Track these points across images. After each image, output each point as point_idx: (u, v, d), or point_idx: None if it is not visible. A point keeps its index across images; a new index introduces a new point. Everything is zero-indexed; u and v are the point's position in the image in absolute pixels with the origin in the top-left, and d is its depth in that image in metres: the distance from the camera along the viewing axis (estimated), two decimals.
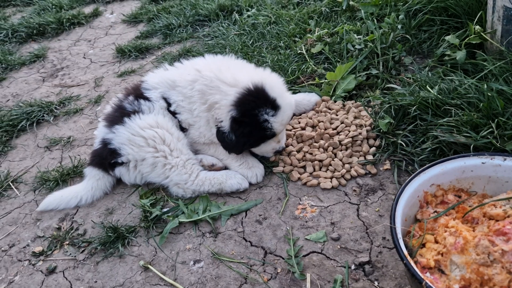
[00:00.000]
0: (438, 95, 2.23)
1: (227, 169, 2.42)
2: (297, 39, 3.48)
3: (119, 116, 2.38)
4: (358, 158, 2.31)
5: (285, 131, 2.43)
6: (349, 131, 2.43)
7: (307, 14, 3.77)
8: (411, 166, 2.16)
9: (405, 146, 2.21)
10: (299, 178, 2.29)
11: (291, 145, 2.47)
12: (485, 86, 2.12)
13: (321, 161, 2.34)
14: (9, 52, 4.70)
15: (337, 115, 2.60)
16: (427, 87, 2.34)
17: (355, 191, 2.15)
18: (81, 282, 1.99)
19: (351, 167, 2.26)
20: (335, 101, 2.73)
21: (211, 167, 2.42)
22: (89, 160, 2.56)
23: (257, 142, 2.30)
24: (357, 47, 3.00)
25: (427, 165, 1.74)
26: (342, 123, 2.51)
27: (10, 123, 3.31)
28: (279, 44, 3.46)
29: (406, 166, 2.17)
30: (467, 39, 2.54)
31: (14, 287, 2.03)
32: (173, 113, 2.41)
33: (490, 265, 1.38)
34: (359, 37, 3.08)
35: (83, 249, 2.16)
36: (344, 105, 2.68)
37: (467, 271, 1.40)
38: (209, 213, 2.16)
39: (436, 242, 1.56)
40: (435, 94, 2.24)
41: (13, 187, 2.72)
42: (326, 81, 2.83)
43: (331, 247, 1.90)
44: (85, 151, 2.90)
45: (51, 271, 2.08)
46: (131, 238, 2.15)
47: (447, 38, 2.65)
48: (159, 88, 2.42)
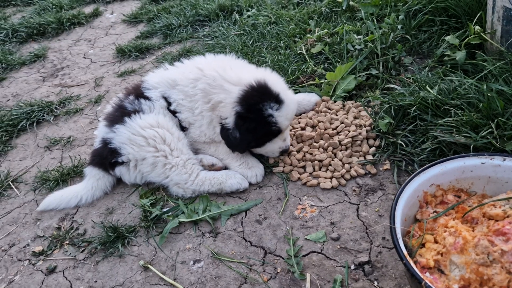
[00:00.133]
0: (438, 96, 2.23)
1: (227, 169, 2.42)
2: (297, 39, 3.49)
3: (120, 115, 2.39)
4: (358, 158, 2.31)
5: (289, 131, 2.43)
6: (349, 131, 2.43)
7: (307, 14, 3.77)
8: (410, 166, 2.17)
9: (405, 146, 2.21)
10: (299, 178, 2.30)
11: (291, 145, 2.47)
12: (485, 86, 2.12)
13: (321, 161, 2.34)
14: (9, 52, 4.70)
15: (337, 115, 2.60)
16: (427, 87, 2.34)
17: (355, 191, 2.15)
18: (81, 281, 1.99)
19: (351, 167, 2.26)
20: (335, 101, 2.73)
21: (211, 167, 2.42)
22: (89, 159, 2.56)
23: (262, 140, 2.29)
24: (357, 47, 3.00)
25: (427, 165, 1.74)
26: (342, 123, 2.51)
27: (10, 122, 3.31)
28: (279, 44, 3.46)
29: (405, 166, 2.18)
30: (467, 39, 2.54)
31: (14, 286, 2.03)
32: (173, 112, 2.41)
33: (489, 265, 1.38)
34: (359, 37, 3.08)
35: (83, 248, 2.17)
36: (344, 105, 2.69)
37: (466, 271, 1.40)
38: (209, 213, 2.17)
39: (435, 242, 1.56)
40: (435, 94, 2.25)
41: (13, 186, 2.72)
42: (326, 81, 2.83)
43: (330, 247, 1.90)
44: (85, 151, 2.90)
45: (51, 271, 2.08)
46: (131, 238, 2.15)
47: (447, 38, 2.65)
48: (159, 87, 2.42)
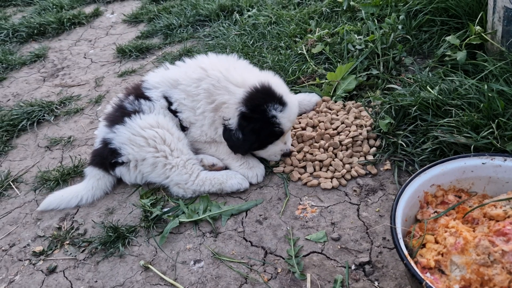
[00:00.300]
0: (438, 96, 2.23)
1: (227, 169, 2.42)
2: (297, 39, 3.48)
3: (120, 115, 2.38)
4: (358, 158, 2.31)
5: (290, 133, 2.43)
6: (350, 131, 2.43)
7: (308, 14, 3.77)
8: (411, 166, 2.17)
9: (405, 146, 2.21)
10: (300, 178, 2.30)
11: (292, 145, 2.47)
12: (486, 86, 2.12)
13: (321, 161, 2.34)
14: (9, 52, 4.70)
15: (338, 115, 2.60)
16: (428, 87, 2.34)
17: (355, 191, 2.15)
18: (81, 281, 1.99)
19: (351, 167, 2.26)
20: (336, 101, 2.73)
21: (212, 167, 2.42)
22: (89, 159, 2.56)
23: (265, 141, 2.29)
24: (358, 47, 3.00)
25: (428, 166, 1.74)
26: (342, 123, 2.51)
27: (10, 122, 3.31)
28: (280, 44, 3.46)
29: (406, 166, 2.18)
30: (468, 39, 2.54)
31: (14, 286, 2.03)
32: (174, 112, 2.41)
33: (490, 266, 1.38)
34: (359, 37, 3.08)
35: (83, 248, 2.16)
36: (344, 105, 2.69)
37: (467, 271, 1.40)
38: (210, 213, 2.17)
39: (436, 242, 1.56)
40: (436, 94, 2.24)
41: (13, 186, 2.72)
42: (326, 81, 2.83)
43: (331, 247, 1.90)
44: (85, 151, 2.90)
45: (52, 271, 2.08)
46: (132, 238, 2.15)
47: (448, 38, 2.65)
48: (160, 87, 2.42)
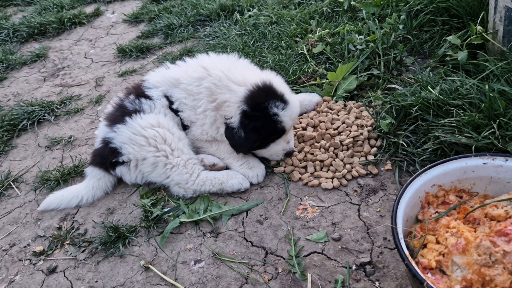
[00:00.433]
0: (439, 96, 2.23)
1: (228, 169, 2.42)
2: (298, 39, 3.48)
3: (120, 115, 2.38)
4: (359, 158, 2.31)
5: (292, 133, 2.43)
6: (350, 131, 2.42)
7: (309, 14, 3.77)
8: (412, 166, 2.16)
9: (406, 146, 2.21)
10: (300, 178, 2.29)
11: None
12: (487, 86, 2.12)
13: (322, 161, 2.33)
14: (10, 51, 4.70)
15: (338, 115, 2.60)
16: (429, 87, 2.34)
17: (356, 191, 2.15)
18: (81, 282, 1.99)
19: (352, 168, 2.26)
20: (336, 101, 2.73)
21: (212, 167, 2.42)
22: (90, 159, 2.56)
23: (266, 139, 2.29)
24: (359, 47, 2.99)
25: (429, 166, 1.73)
26: (343, 123, 2.51)
27: (11, 122, 3.31)
28: (280, 44, 3.45)
29: (407, 166, 2.17)
30: (469, 39, 2.54)
31: (14, 286, 2.03)
32: (175, 111, 2.41)
33: (491, 266, 1.38)
34: (360, 37, 3.07)
35: (83, 248, 2.16)
36: (345, 105, 2.68)
37: (468, 271, 1.40)
38: (210, 213, 2.16)
39: (437, 242, 1.56)
40: (437, 94, 2.24)
41: (14, 186, 2.72)
42: (327, 81, 2.83)
43: (332, 247, 1.90)
44: (86, 151, 2.90)
45: (52, 271, 2.07)
46: (132, 238, 2.14)
47: (449, 38, 2.64)
48: (160, 86, 2.42)
